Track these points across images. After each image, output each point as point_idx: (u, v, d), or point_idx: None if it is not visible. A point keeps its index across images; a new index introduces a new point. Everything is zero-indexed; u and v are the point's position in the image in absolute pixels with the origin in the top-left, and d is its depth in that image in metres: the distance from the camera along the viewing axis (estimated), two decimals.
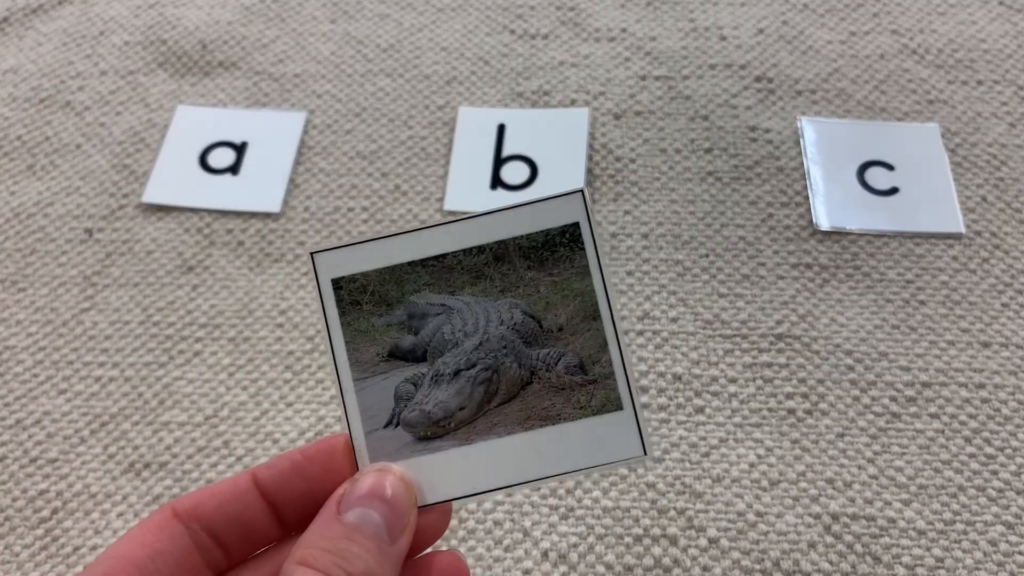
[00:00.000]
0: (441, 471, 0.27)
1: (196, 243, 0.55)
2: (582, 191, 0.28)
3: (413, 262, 0.28)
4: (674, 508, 0.44)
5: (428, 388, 0.28)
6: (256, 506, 0.27)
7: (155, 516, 0.27)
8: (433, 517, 0.28)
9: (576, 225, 0.28)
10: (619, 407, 0.27)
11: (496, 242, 0.28)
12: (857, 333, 0.50)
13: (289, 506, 0.27)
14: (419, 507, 0.27)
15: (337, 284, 0.28)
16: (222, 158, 0.59)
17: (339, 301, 0.28)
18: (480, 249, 0.28)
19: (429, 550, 0.29)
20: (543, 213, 0.28)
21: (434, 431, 0.27)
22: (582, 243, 0.28)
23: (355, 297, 0.28)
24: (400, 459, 0.27)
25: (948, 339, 0.50)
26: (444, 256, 0.28)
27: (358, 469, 0.28)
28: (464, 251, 0.28)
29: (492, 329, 0.28)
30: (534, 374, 0.28)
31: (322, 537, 0.25)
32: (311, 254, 0.28)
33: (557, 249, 0.28)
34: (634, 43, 0.64)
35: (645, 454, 0.27)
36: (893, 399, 0.47)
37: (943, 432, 0.46)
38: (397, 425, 0.27)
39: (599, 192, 0.56)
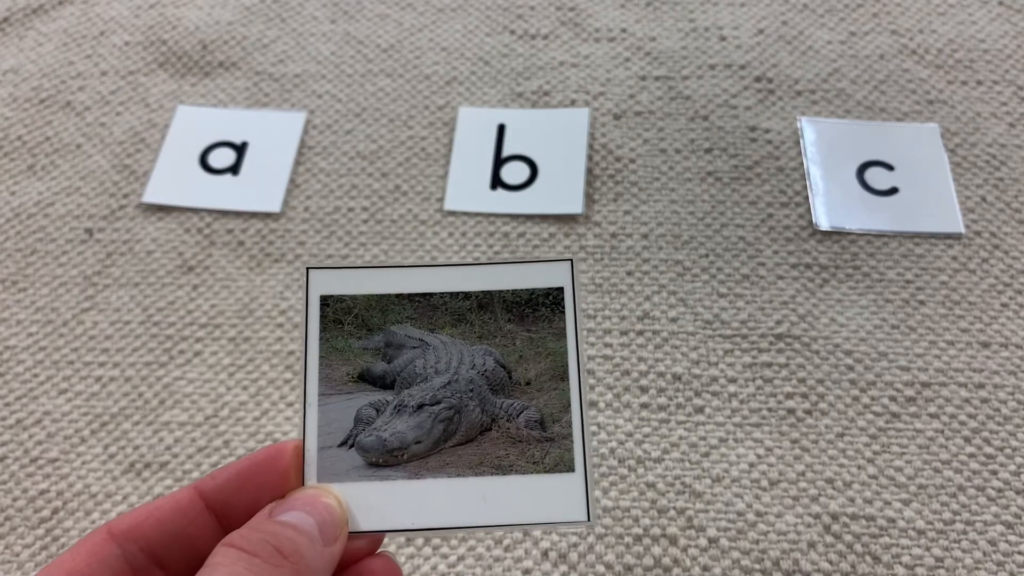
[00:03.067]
0: (384, 501, 0.27)
1: (196, 243, 0.55)
2: (571, 260, 0.30)
3: (401, 295, 0.29)
4: (674, 508, 0.44)
5: (389, 416, 0.28)
6: (200, 520, 0.27)
7: (88, 538, 0.26)
8: (365, 542, 0.28)
9: (561, 290, 0.29)
10: (571, 469, 0.28)
11: (483, 291, 0.30)
12: (857, 333, 0.50)
13: (236, 515, 0.27)
14: (354, 532, 0.27)
15: (325, 301, 0.29)
16: (222, 158, 0.59)
17: (323, 317, 0.29)
18: (467, 295, 0.30)
19: None
20: (532, 273, 0.30)
21: (386, 459, 0.28)
22: (563, 307, 0.29)
23: (339, 316, 0.29)
24: (347, 480, 0.27)
25: (948, 339, 0.50)
26: (432, 295, 0.30)
27: (303, 480, 0.27)
28: (451, 294, 0.30)
29: (463, 371, 0.29)
30: (495, 422, 0.29)
31: (253, 529, 0.25)
32: (307, 268, 0.29)
33: (539, 308, 0.29)
34: (634, 43, 0.64)
35: (588, 520, 0.27)
36: (893, 399, 0.48)
37: (942, 432, 0.46)
38: (351, 446, 0.28)
39: (599, 192, 0.56)
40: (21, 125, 0.61)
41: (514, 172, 0.57)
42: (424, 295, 0.29)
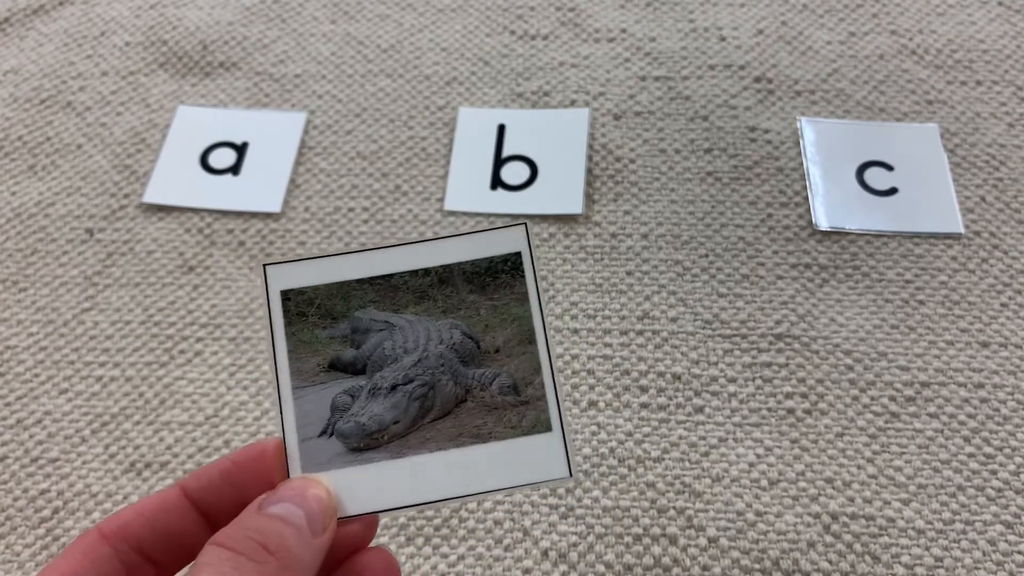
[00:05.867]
0: (370, 483, 0.28)
1: (197, 243, 0.55)
2: (525, 224, 0.30)
3: (361, 279, 0.29)
4: (674, 507, 0.44)
5: (365, 400, 0.29)
6: (187, 518, 0.27)
7: (81, 540, 0.26)
8: (359, 527, 0.28)
9: (518, 255, 0.30)
10: (548, 428, 0.28)
11: (442, 266, 0.30)
12: (856, 333, 0.50)
13: (222, 514, 0.27)
14: (345, 517, 0.27)
15: (286, 296, 0.29)
16: (223, 158, 0.59)
17: (286, 312, 0.29)
18: (426, 271, 0.30)
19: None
20: (488, 242, 0.30)
21: (367, 443, 0.28)
22: (523, 271, 0.29)
23: (302, 309, 0.29)
24: (331, 468, 0.28)
25: (947, 339, 0.50)
26: (391, 276, 0.30)
27: (288, 475, 0.28)
28: (411, 272, 0.30)
29: (431, 347, 0.29)
30: (469, 392, 0.29)
31: (241, 525, 0.25)
32: (264, 266, 0.30)
33: (499, 276, 0.30)
34: (634, 44, 0.64)
35: (570, 476, 0.28)
36: (892, 399, 0.48)
37: (942, 432, 0.46)
38: (331, 435, 0.28)
39: (599, 192, 0.56)
40: (22, 125, 0.61)
41: (514, 172, 0.57)
42: (384, 277, 0.29)
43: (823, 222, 0.54)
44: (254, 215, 0.56)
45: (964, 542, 0.43)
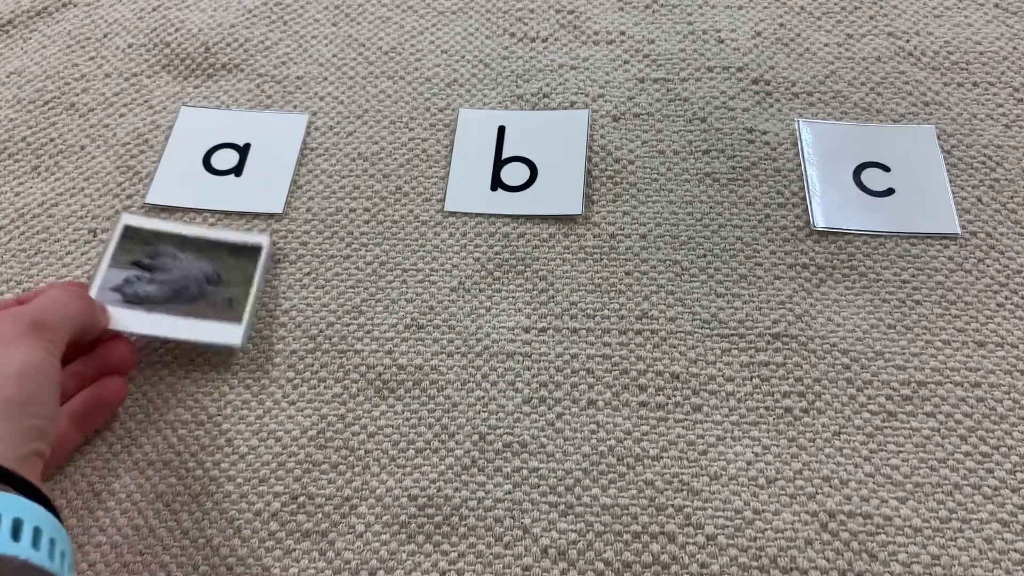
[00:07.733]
0: (130, 319, 0.49)
1: None
2: (269, 235, 0.55)
3: (174, 233, 0.54)
4: (672, 505, 0.45)
5: (144, 284, 0.51)
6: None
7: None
8: (123, 351, 0.48)
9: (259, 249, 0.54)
10: (239, 321, 0.50)
11: (220, 240, 0.54)
12: (853, 332, 0.50)
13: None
14: (108, 329, 0.48)
15: (127, 229, 0.53)
16: (225, 159, 0.59)
17: (123, 236, 0.53)
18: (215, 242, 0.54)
19: None
20: (247, 235, 0.55)
21: (135, 300, 0.50)
22: (256, 265, 0.53)
23: (131, 235, 0.53)
24: (109, 304, 0.49)
25: (944, 339, 0.50)
26: (191, 237, 0.54)
27: None
28: (205, 240, 0.54)
29: (192, 271, 0.51)
30: (203, 296, 0.51)
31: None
32: (120, 213, 0.56)
33: (249, 251, 0.54)
34: (633, 46, 0.65)
35: (240, 345, 0.50)
36: (889, 398, 0.48)
37: (939, 431, 0.47)
38: (119, 290, 0.50)
39: (598, 193, 0.57)
40: (26, 127, 0.62)
41: (514, 173, 0.58)
42: (193, 237, 0.54)
43: (820, 222, 0.55)
44: (256, 216, 0.57)
45: (960, 540, 0.43)
